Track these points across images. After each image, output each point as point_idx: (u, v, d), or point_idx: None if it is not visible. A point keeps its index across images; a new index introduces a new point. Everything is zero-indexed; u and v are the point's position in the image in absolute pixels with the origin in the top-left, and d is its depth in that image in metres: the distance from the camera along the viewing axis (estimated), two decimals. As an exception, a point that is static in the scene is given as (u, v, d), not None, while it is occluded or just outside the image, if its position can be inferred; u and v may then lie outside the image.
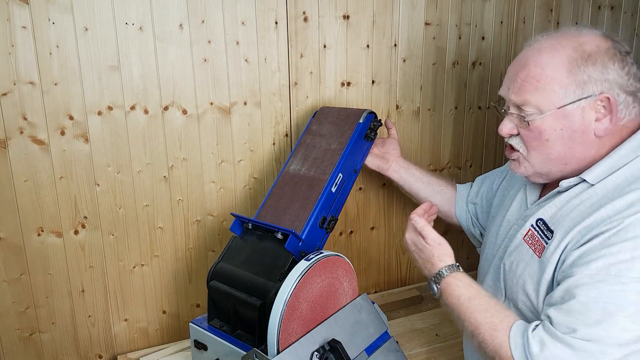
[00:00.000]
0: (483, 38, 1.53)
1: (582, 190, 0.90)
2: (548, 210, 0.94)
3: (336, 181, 1.14)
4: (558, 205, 0.93)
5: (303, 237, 1.05)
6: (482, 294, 0.91)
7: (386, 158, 1.31)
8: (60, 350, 1.28)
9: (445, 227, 1.65)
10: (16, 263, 1.19)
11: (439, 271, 0.96)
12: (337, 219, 1.15)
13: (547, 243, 0.91)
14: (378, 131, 1.26)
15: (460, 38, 1.49)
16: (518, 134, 0.95)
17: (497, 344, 0.83)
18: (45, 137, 1.14)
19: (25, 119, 1.12)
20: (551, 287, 0.88)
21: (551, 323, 0.81)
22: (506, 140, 0.98)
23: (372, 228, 1.55)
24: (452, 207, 1.31)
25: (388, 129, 1.35)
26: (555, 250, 0.88)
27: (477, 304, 0.89)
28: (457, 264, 0.97)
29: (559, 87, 0.87)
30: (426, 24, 1.44)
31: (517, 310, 0.97)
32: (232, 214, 1.12)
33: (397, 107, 1.47)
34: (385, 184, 1.52)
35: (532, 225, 0.96)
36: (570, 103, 0.87)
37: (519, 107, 0.92)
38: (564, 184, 0.92)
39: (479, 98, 1.57)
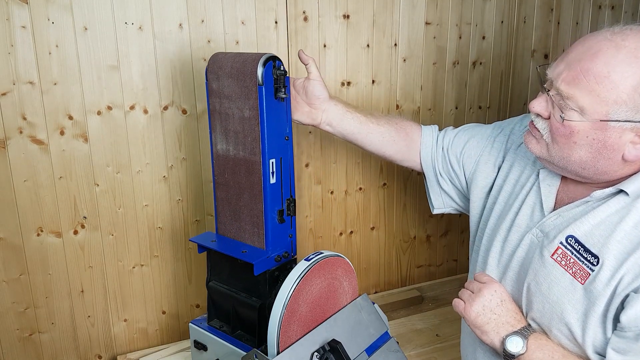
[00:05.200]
0: (483, 37, 1.52)
1: (619, 205, 0.82)
2: (580, 226, 0.84)
3: (271, 170, 0.99)
4: (592, 221, 0.83)
5: (268, 251, 1.01)
6: (566, 350, 0.87)
7: (313, 113, 1.08)
8: (60, 351, 1.28)
9: (446, 226, 1.65)
10: (15, 263, 1.18)
11: (525, 326, 0.90)
12: (295, 199, 1.05)
13: (592, 270, 0.82)
14: (290, 80, 1.02)
15: (460, 38, 1.49)
16: (548, 118, 0.84)
17: None
18: (45, 137, 1.14)
19: (24, 118, 1.12)
20: (604, 322, 0.82)
21: None
22: (532, 117, 0.87)
23: (372, 228, 1.54)
24: (396, 151, 1.15)
25: (306, 66, 1.06)
26: (608, 283, 0.80)
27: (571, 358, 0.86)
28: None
29: (614, 100, 0.76)
30: (426, 23, 1.44)
31: (552, 336, 0.90)
32: (191, 240, 1.07)
33: (398, 106, 1.47)
34: (386, 183, 1.52)
35: (561, 243, 0.86)
36: (616, 121, 0.78)
37: (561, 96, 0.80)
38: (596, 194, 0.83)
39: (479, 98, 1.57)
